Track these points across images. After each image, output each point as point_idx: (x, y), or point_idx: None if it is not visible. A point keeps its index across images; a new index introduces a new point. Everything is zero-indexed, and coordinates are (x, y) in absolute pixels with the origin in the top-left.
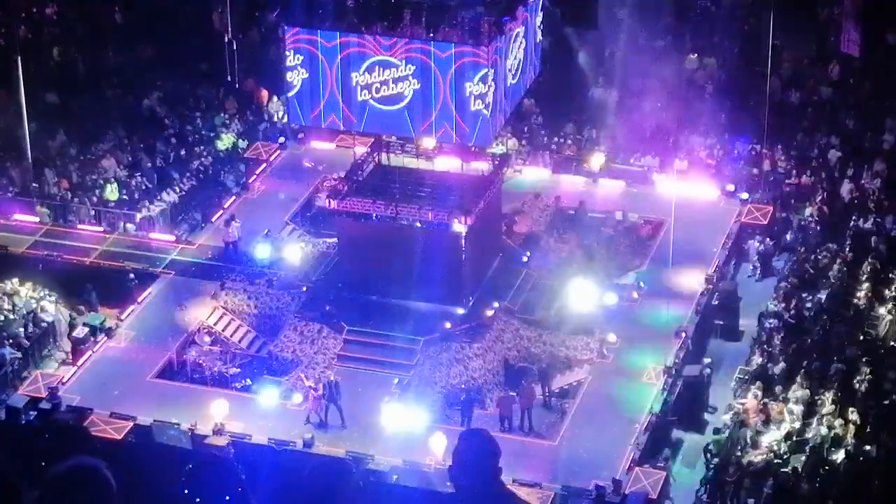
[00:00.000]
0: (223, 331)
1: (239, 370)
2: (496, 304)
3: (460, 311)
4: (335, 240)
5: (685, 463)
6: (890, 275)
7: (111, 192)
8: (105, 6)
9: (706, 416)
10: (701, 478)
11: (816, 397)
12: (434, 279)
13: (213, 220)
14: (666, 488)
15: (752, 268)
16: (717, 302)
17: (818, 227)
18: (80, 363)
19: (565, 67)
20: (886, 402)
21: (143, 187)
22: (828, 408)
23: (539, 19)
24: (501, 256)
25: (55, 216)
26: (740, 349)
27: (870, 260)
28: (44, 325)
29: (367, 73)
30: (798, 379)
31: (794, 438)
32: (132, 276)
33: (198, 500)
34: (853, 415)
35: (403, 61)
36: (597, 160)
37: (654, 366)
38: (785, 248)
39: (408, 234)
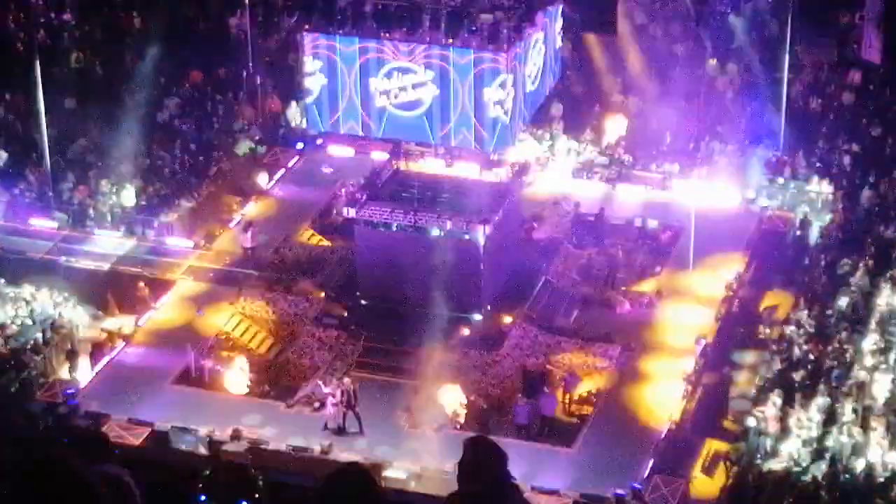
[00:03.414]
0: (241, 337)
1: (256, 376)
2: (515, 312)
3: (478, 318)
4: (353, 246)
5: (704, 471)
6: None
7: (128, 198)
8: (123, 12)
9: (726, 423)
10: (720, 486)
11: (837, 405)
12: (452, 286)
13: (231, 225)
14: (685, 496)
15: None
16: (737, 309)
17: (839, 235)
18: (97, 369)
19: (584, 74)
20: None
21: (162, 193)
22: (848, 416)
23: (558, 25)
24: (520, 263)
25: (73, 221)
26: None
27: (891, 267)
28: (62, 330)
29: (385, 78)
30: (818, 387)
31: (815, 447)
32: (142, 283)
33: None
34: (874, 423)
35: (422, 67)
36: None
37: (674, 373)
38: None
39: (426, 241)
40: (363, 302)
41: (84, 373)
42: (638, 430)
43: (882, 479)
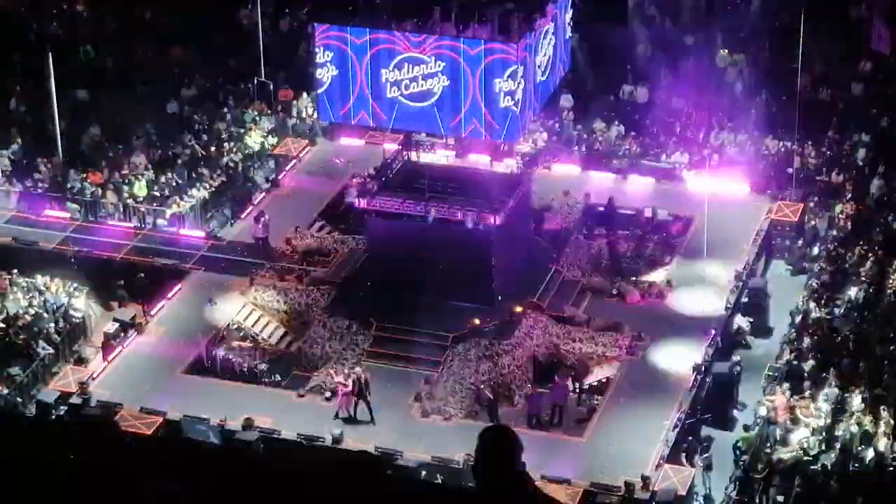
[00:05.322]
0: (252, 326)
1: (268, 366)
2: (525, 301)
3: (489, 307)
4: (364, 237)
5: (715, 460)
6: None
7: (140, 189)
8: (135, 3)
9: (735, 413)
10: (730, 475)
11: (846, 395)
12: (463, 276)
13: (243, 216)
14: (697, 485)
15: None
16: (746, 299)
17: (849, 225)
18: (109, 358)
19: (595, 64)
20: None
21: (173, 183)
22: (857, 405)
23: (568, 16)
24: (530, 253)
25: (85, 212)
26: (770, 346)
27: None
28: (74, 320)
29: (396, 69)
30: (828, 376)
31: (824, 436)
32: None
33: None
34: (884, 412)
35: (433, 58)
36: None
37: (683, 363)
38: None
39: (437, 231)
40: (374, 291)
41: (96, 362)
42: (647, 420)
43: (891, 469)
